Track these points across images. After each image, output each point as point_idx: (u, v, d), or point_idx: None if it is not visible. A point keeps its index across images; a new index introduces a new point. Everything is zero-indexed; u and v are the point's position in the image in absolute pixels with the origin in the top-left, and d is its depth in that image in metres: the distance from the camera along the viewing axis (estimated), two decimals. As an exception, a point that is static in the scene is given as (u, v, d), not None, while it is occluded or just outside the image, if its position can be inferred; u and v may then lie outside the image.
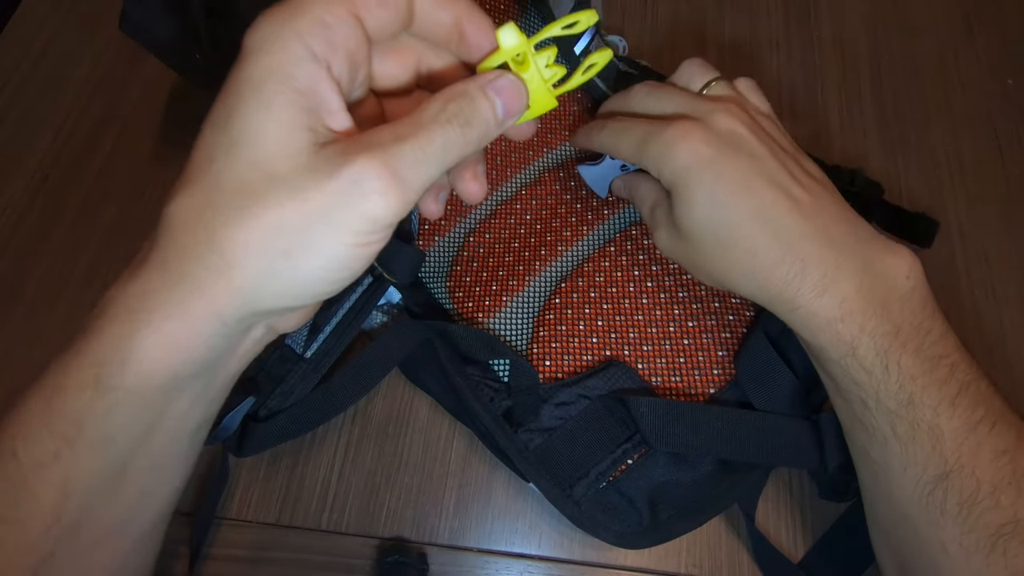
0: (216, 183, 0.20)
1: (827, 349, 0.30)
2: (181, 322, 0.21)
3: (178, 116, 0.50)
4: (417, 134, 0.21)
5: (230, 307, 0.21)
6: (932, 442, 0.28)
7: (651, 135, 0.32)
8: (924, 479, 0.28)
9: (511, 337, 0.40)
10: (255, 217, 0.20)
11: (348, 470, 0.40)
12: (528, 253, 0.42)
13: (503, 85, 0.23)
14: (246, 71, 0.20)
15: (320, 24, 0.20)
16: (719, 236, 0.31)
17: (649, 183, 0.36)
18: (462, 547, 0.38)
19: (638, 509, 0.36)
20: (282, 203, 0.20)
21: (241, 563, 0.37)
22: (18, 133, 0.50)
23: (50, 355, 0.42)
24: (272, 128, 0.20)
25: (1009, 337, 0.43)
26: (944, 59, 0.53)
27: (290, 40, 0.20)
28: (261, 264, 0.20)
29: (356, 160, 0.20)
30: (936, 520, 0.28)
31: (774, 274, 0.30)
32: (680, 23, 0.56)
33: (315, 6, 0.21)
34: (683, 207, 0.31)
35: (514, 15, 0.49)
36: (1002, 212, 0.47)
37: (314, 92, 0.20)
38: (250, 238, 0.20)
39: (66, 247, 0.46)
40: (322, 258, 0.21)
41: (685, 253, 0.33)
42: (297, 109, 0.20)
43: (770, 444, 0.35)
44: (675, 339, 0.40)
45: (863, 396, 0.30)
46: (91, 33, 0.54)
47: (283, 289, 0.21)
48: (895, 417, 0.29)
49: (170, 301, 0.21)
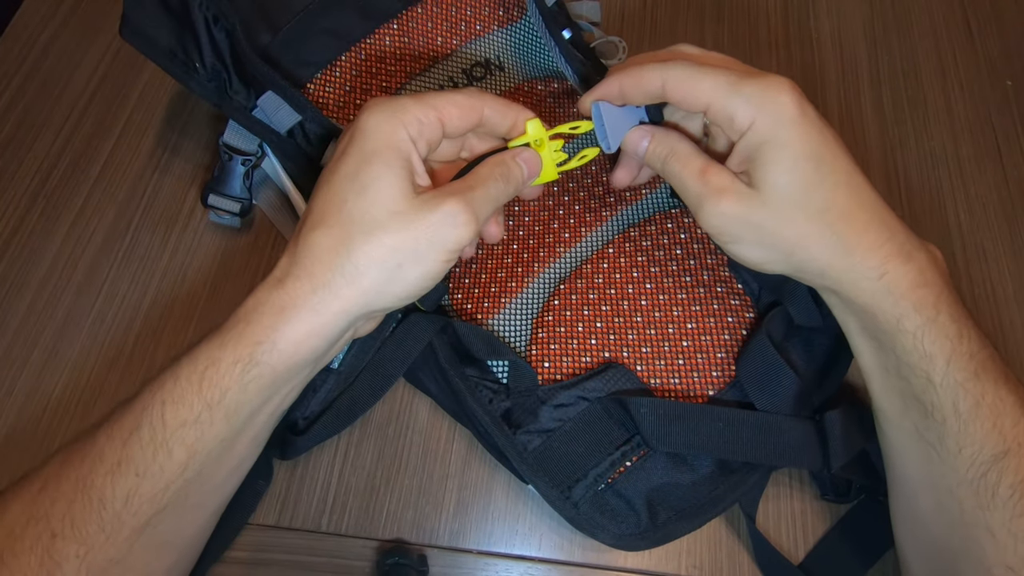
0: (350, 217, 0.28)
1: (908, 317, 0.29)
2: (320, 316, 0.28)
3: (177, 121, 0.51)
4: (481, 185, 0.31)
5: (356, 305, 0.29)
6: (993, 419, 0.28)
7: (748, 75, 0.30)
8: (980, 459, 0.28)
9: (510, 338, 0.40)
10: (380, 240, 0.28)
11: (348, 472, 0.40)
12: (527, 255, 0.42)
13: (528, 156, 0.33)
14: (369, 144, 0.29)
15: (417, 121, 0.30)
16: (813, 198, 0.30)
17: (694, 146, 0.33)
18: (462, 549, 0.38)
19: (637, 511, 0.36)
20: (398, 231, 0.28)
21: (241, 565, 0.37)
22: (18, 135, 0.50)
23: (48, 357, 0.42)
24: (389, 180, 0.29)
25: (1008, 336, 0.44)
26: (943, 60, 0.53)
27: (398, 127, 0.29)
28: (382, 274, 0.28)
29: (448, 201, 0.29)
30: (986, 503, 0.28)
31: (866, 238, 0.30)
32: (679, 24, 0.56)
33: (416, 109, 0.30)
34: (781, 162, 0.29)
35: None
36: (1001, 212, 0.48)
37: (410, 160, 0.30)
38: (376, 254, 0.28)
39: (66, 249, 0.46)
40: (422, 270, 0.29)
41: (759, 219, 0.30)
42: (404, 170, 0.29)
43: (773, 444, 0.35)
44: (674, 341, 0.40)
45: (929, 371, 0.29)
46: (92, 37, 0.54)
47: (391, 292, 0.29)
48: (961, 391, 0.29)
49: (314, 300, 0.28)
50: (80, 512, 0.27)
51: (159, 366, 0.31)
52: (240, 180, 0.44)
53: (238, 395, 0.28)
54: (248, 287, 0.44)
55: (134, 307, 0.44)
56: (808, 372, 0.38)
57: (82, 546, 0.26)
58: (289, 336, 0.28)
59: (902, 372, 0.31)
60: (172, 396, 0.27)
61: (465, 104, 0.31)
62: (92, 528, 0.27)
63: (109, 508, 0.27)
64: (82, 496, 0.27)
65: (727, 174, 0.31)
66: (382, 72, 0.45)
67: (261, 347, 0.28)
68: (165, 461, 0.27)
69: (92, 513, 0.27)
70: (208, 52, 0.39)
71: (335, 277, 0.28)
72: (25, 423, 0.41)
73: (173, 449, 0.27)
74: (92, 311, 0.44)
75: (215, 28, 0.39)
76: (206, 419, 0.27)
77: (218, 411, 0.27)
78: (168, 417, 0.27)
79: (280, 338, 0.28)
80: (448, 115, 0.31)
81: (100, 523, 0.27)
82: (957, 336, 0.29)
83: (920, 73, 0.53)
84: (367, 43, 0.45)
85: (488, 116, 0.32)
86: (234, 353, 0.27)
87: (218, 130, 0.44)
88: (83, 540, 0.26)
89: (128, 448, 0.27)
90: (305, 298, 0.28)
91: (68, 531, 0.26)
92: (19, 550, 0.26)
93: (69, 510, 0.27)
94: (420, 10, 0.46)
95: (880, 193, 0.31)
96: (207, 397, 0.27)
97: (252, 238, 0.47)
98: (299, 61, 0.42)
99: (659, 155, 0.34)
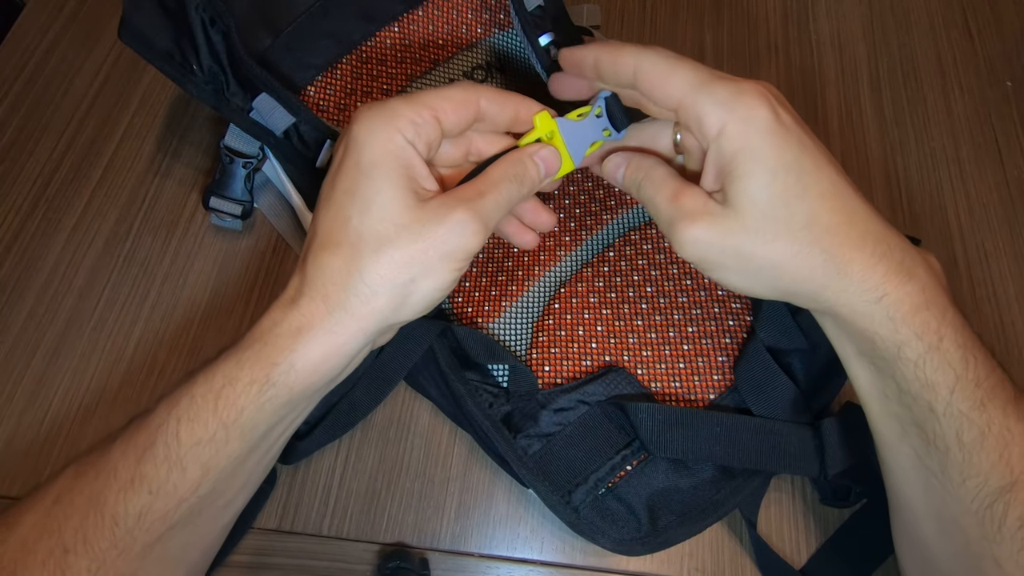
0: (358, 235, 0.27)
1: (909, 345, 0.27)
2: (338, 336, 0.28)
3: (178, 125, 0.51)
4: (491, 190, 0.29)
5: (374, 323, 0.28)
6: (1000, 450, 0.26)
7: (721, 77, 0.27)
8: (985, 491, 0.27)
9: (510, 342, 0.40)
10: (390, 257, 0.27)
11: (349, 475, 0.40)
12: (527, 258, 0.42)
13: (546, 154, 0.31)
14: (365, 155, 0.28)
15: (412, 123, 0.28)
16: (794, 212, 0.27)
17: (669, 171, 0.31)
18: (464, 552, 0.38)
19: (637, 516, 0.36)
20: (408, 244, 0.27)
21: (243, 569, 0.37)
22: (20, 140, 0.50)
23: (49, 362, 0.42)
24: (392, 193, 0.27)
25: (1010, 337, 0.43)
26: (943, 61, 0.53)
27: (393, 133, 0.28)
28: (396, 290, 0.28)
29: (456, 210, 0.28)
30: (992, 535, 0.26)
31: (859, 256, 0.27)
32: (679, 27, 0.56)
33: (408, 110, 0.28)
34: (756, 174, 0.27)
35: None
36: (1002, 213, 0.47)
37: (412, 167, 0.28)
38: (388, 272, 0.27)
39: (67, 253, 0.46)
40: (434, 282, 0.28)
41: (736, 242, 0.28)
42: (406, 179, 0.28)
43: (770, 450, 0.35)
44: (675, 344, 0.40)
45: (931, 400, 0.27)
46: (92, 42, 0.54)
47: (407, 306, 0.28)
48: (965, 421, 0.27)
49: (331, 321, 0.27)
50: (93, 528, 0.26)
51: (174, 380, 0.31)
52: (241, 183, 0.44)
53: (254, 415, 0.27)
54: (249, 290, 0.45)
55: (135, 311, 0.44)
56: (809, 376, 0.38)
57: (94, 562, 0.26)
58: (308, 356, 0.27)
59: (903, 400, 0.29)
60: (188, 414, 0.27)
61: (459, 98, 0.29)
62: (104, 544, 0.26)
63: (122, 525, 0.27)
64: (95, 512, 0.27)
65: (700, 196, 0.29)
66: (383, 75, 0.45)
67: (278, 368, 0.27)
68: (179, 479, 0.27)
69: (105, 530, 0.26)
70: (205, 54, 0.39)
71: (350, 298, 0.27)
72: (26, 428, 0.41)
73: (187, 467, 0.27)
74: (93, 316, 0.44)
75: (212, 30, 0.39)
76: (221, 438, 0.27)
77: (234, 430, 0.27)
78: (183, 435, 0.27)
79: (298, 359, 0.27)
80: (443, 111, 0.29)
81: (112, 540, 0.27)
82: (962, 363, 0.27)
83: (920, 74, 0.53)
84: (368, 46, 0.45)
85: (485, 108, 0.30)
86: (251, 373, 0.27)
87: (219, 134, 0.45)
88: (95, 556, 0.26)
89: (142, 466, 0.27)
90: (321, 319, 0.27)
91: (80, 547, 0.26)
92: (31, 564, 0.26)
93: (82, 525, 0.27)
94: (421, 13, 0.46)
95: (880, 194, 0.31)
96: (223, 417, 0.27)
97: (253, 241, 0.47)
98: (299, 64, 0.43)
99: (635, 181, 0.32)
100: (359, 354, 0.29)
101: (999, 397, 0.27)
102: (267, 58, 0.42)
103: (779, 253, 0.27)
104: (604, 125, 0.32)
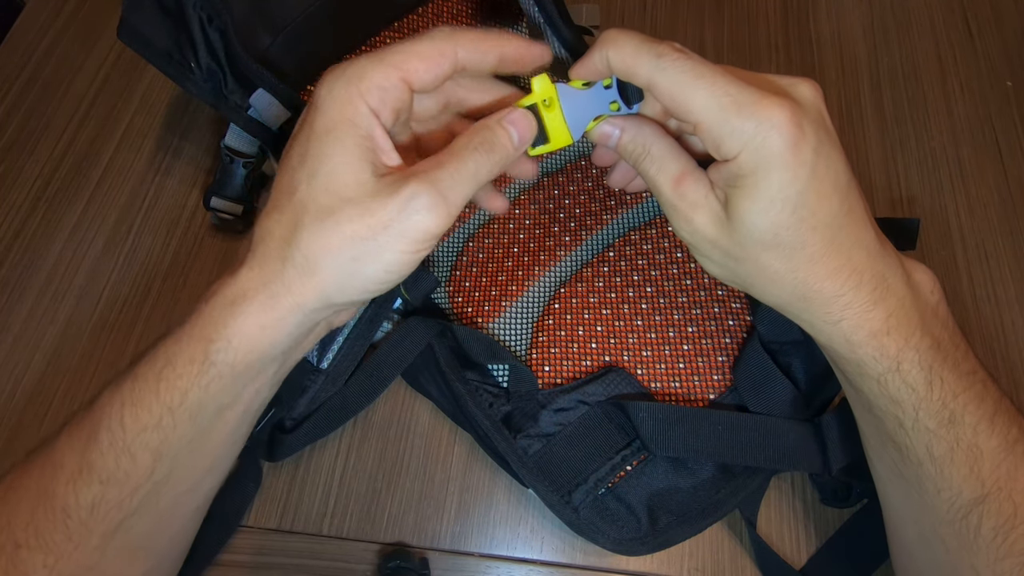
0: (302, 205, 0.25)
1: (867, 364, 0.28)
2: (273, 311, 0.26)
3: (178, 125, 0.51)
4: (453, 161, 0.26)
5: (311, 300, 0.26)
6: (970, 464, 0.27)
7: (745, 94, 0.25)
8: (959, 503, 0.27)
9: (511, 342, 0.40)
10: (332, 230, 0.25)
11: (349, 475, 0.40)
12: (528, 258, 0.42)
13: (516, 117, 0.28)
14: (320, 120, 0.26)
15: (378, 88, 0.26)
16: (782, 240, 0.27)
17: (672, 147, 0.29)
18: (464, 552, 0.38)
19: (637, 515, 0.36)
20: (353, 219, 0.25)
21: (242, 568, 0.37)
22: (20, 139, 0.50)
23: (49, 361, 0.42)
24: (343, 163, 0.25)
25: (1010, 337, 0.43)
26: (943, 61, 0.53)
27: (355, 97, 0.25)
28: (336, 266, 0.25)
29: (409, 183, 0.25)
30: (969, 544, 0.27)
31: (828, 285, 0.27)
32: (679, 27, 0.56)
33: (375, 72, 0.26)
34: (756, 201, 0.26)
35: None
36: (1002, 213, 0.47)
37: (372, 137, 0.26)
38: (329, 245, 0.25)
39: (67, 253, 0.46)
40: (383, 262, 0.25)
41: (725, 246, 0.28)
42: (361, 149, 0.25)
43: (772, 447, 0.35)
44: (675, 344, 0.40)
45: (899, 415, 0.28)
46: (92, 42, 0.54)
47: (352, 287, 0.26)
48: (933, 437, 0.27)
49: (265, 294, 0.26)
50: (44, 522, 0.26)
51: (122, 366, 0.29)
52: (242, 182, 0.44)
53: (200, 396, 0.26)
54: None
55: (136, 311, 0.44)
56: (809, 377, 0.38)
57: (50, 555, 0.26)
58: (243, 331, 0.26)
59: (874, 411, 0.29)
60: (131, 398, 0.26)
61: (431, 53, 0.26)
62: (59, 537, 0.26)
63: (75, 516, 0.26)
64: (44, 505, 0.26)
65: (703, 187, 0.28)
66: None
67: (214, 345, 0.26)
68: (129, 466, 0.26)
69: (57, 523, 0.26)
70: (203, 52, 0.39)
71: (286, 268, 0.25)
72: (27, 428, 0.41)
73: (136, 454, 0.26)
74: (94, 315, 0.44)
75: (209, 28, 0.39)
76: (168, 423, 0.26)
77: (180, 414, 0.26)
78: (128, 421, 0.26)
79: (234, 335, 0.26)
80: (414, 71, 0.26)
81: (66, 532, 0.26)
82: (925, 385, 0.27)
83: (920, 73, 0.53)
84: (368, 46, 0.45)
85: (465, 58, 0.27)
86: (190, 351, 0.26)
87: (219, 133, 0.45)
88: (50, 550, 0.26)
89: (88, 454, 0.26)
90: (256, 291, 0.26)
91: (33, 541, 0.26)
92: None
93: (32, 519, 0.26)
94: (422, 14, 0.46)
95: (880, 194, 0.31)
96: (166, 400, 0.26)
97: (253, 242, 0.47)
98: (299, 64, 0.43)
99: (631, 153, 0.30)
100: (302, 331, 0.27)
101: (973, 412, 0.27)
102: (267, 58, 0.42)
103: (757, 269, 0.28)
104: (612, 97, 0.29)
